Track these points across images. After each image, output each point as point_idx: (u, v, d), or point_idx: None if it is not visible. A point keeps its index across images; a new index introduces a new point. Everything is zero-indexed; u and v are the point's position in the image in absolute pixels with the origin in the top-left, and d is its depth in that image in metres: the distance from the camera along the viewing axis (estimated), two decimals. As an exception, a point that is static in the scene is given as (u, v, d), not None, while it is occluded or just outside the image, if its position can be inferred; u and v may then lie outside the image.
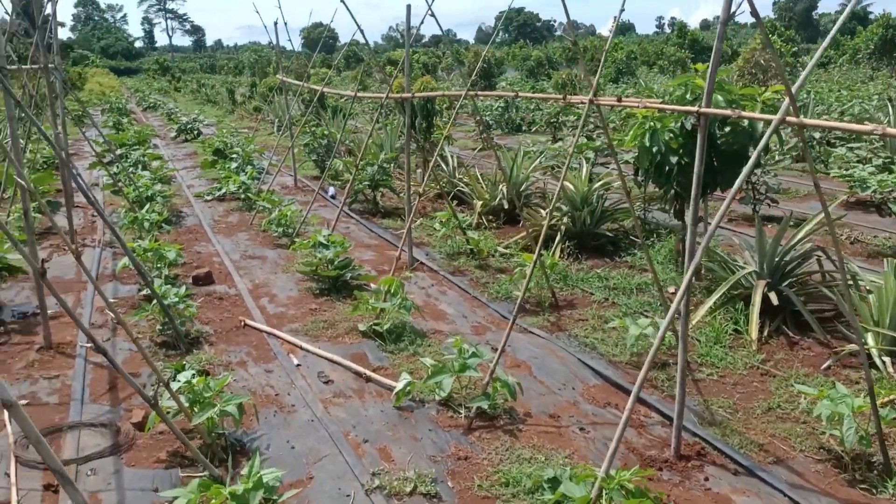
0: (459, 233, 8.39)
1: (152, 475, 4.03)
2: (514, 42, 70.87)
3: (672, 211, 7.12)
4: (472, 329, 6.17)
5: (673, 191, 6.75)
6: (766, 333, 5.69)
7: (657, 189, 7.52)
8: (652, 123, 6.30)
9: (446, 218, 8.40)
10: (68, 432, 4.51)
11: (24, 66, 7.90)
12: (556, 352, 5.63)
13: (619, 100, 4.32)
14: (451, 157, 11.78)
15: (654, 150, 6.29)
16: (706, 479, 3.91)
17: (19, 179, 4.08)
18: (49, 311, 5.85)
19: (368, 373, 5.18)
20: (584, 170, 8.90)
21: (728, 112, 3.47)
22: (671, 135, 6.22)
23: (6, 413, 4.70)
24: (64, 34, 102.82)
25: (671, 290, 6.77)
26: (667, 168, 6.35)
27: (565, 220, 8.13)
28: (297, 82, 13.23)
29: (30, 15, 8.87)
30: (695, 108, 3.62)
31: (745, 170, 3.16)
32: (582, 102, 4.71)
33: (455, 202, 9.89)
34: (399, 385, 4.72)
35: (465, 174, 10.97)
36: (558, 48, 52.93)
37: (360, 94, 9.63)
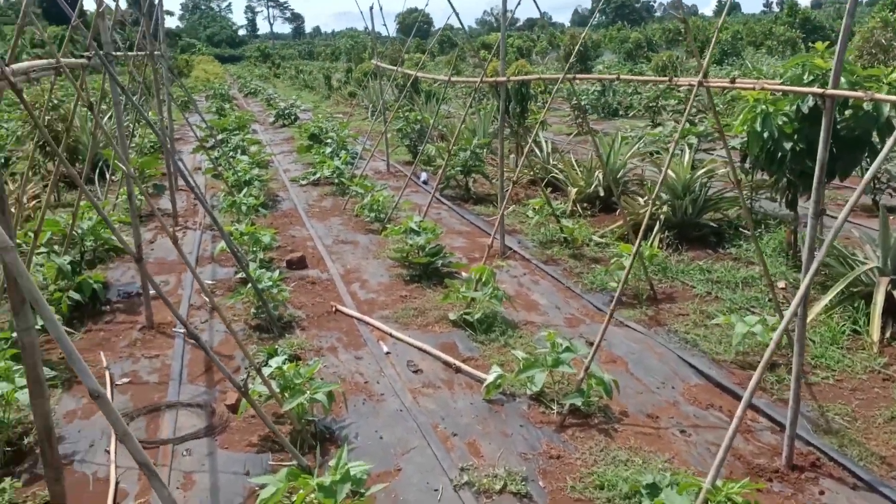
0: (553, 220, 8.17)
1: (244, 459, 4.05)
2: (612, 24, 69.14)
3: (783, 201, 6.69)
4: (566, 321, 5.97)
5: (785, 179, 6.34)
6: (888, 335, 5.24)
7: (766, 177, 7.09)
8: (764, 107, 5.91)
9: (540, 205, 8.20)
10: (166, 412, 4.61)
11: (129, 53, 8.15)
12: (654, 348, 5.37)
13: (733, 81, 4.02)
14: (546, 142, 11.52)
15: (766, 135, 5.90)
16: (821, 493, 3.61)
17: (121, 165, 4.16)
18: (151, 292, 6.02)
19: (458, 363, 5.08)
20: (687, 156, 8.49)
21: (860, 94, 3.14)
22: (785, 119, 5.82)
23: (109, 390, 4.86)
24: (172, 23, 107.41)
25: (781, 284, 6.36)
26: (779, 154, 5.95)
27: (665, 208, 7.78)
28: (392, 67, 13.22)
29: (138, 3, 9.17)
30: (820, 90, 3.30)
31: (879, 157, 2.84)
32: (690, 85, 4.41)
33: (549, 189, 9.66)
34: (489, 378, 4.59)
35: (559, 160, 10.69)
36: (658, 29, 51.18)
37: (453, 79, 9.49)
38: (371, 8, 13.10)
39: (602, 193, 9.33)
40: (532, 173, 9.72)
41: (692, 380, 4.88)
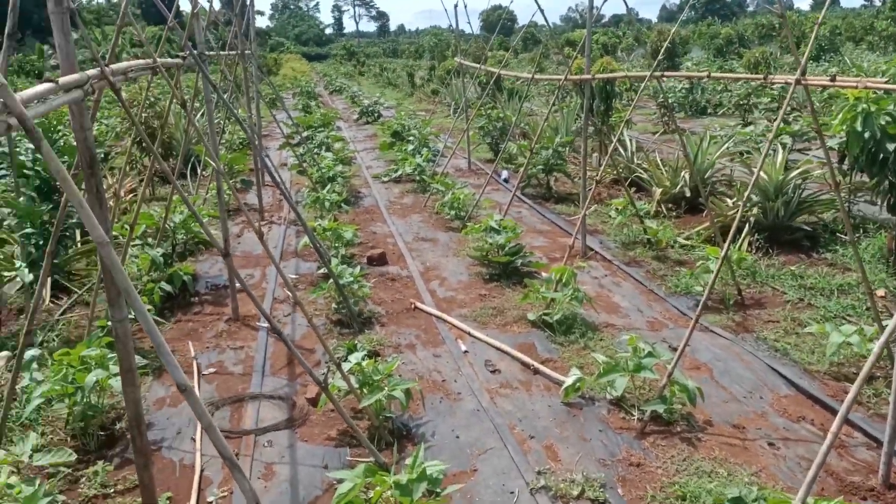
0: (636, 221, 7.99)
1: (322, 452, 4.12)
2: (701, 19, 67.16)
3: (885, 204, 6.34)
4: (648, 324, 5.82)
5: (887, 181, 6.01)
6: None
7: (866, 179, 6.74)
8: (865, 106, 5.61)
9: (623, 205, 8.03)
10: (249, 402, 4.73)
11: (221, 52, 8.41)
12: (741, 355, 5.17)
13: (833, 79, 3.82)
14: (630, 141, 11.27)
15: (867, 135, 5.61)
16: (922, 516, 3.40)
17: (210, 161, 4.29)
18: (237, 285, 6.19)
19: (536, 364, 5.02)
20: (780, 156, 8.15)
21: (976, 92, 2.93)
22: (888, 119, 5.52)
23: (196, 379, 5.03)
24: (263, 22, 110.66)
25: (880, 293, 6.03)
26: (881, 156, 5.65)
27: (755, 210, 7.49)
28: (475, 65, 13.21)
29: (231, 4, 9.46)
30: (930, 88, 3.10)
31: None
32: (787, 83, 4.22)
33: (632, 189, 9.46)
34: (568, 380, 4.52)
35: (643, 159, 10.45)
36: (750, 25, 49.44)
37: (537, 77, 9.40)
38: (455, 6, 13.12)
39: (688, 194, 9.06)
40: (615, 172, 9.53)
41: (782, 390, 4.67)
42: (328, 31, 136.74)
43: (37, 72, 30.13)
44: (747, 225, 7.38)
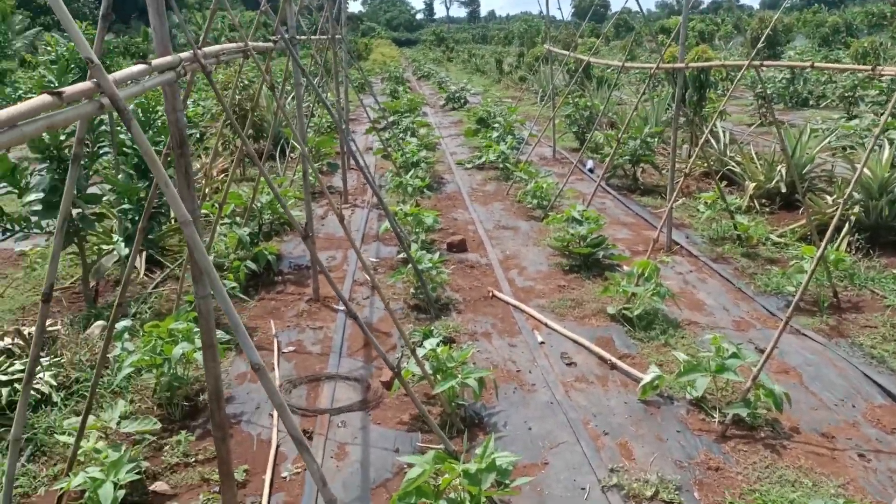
0: (726, 216, 7.69)
1: (394, 436, 4.15)
2: (807, 7, 64.03)
3: None
4: (733, 324, 5.61)
5: None
6: None
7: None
8: None
9: (712, 199, 7.75)
10: (325, 382, 4.82)
11: (313, 37, 8.54)
12: (833, 361, 4.92)
13: (950, 70, 3.55)
14: (723, 132, 10.86)
15: None
16: None
17: (297, 144, 4.36)
18: (318, 267, 6.31)
19: (614, 360, 4.92)
20: (886, 152, 7.68)
21: None
22: None
23: (276, 356, 5.15)
24: (355, 7, 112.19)
25: None
26: None
27: (857, 209, 7.09)
28: (564, 52, 12.98)
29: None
30: None
31: None
32: (897, 73, 3.95)
33: (723, 182, 9.12)
34: (646, 378, 4.40)
35: (737, 152, 10.05)
36: (860, 13, 46.80)
37: (627, 65, 9.17)
38: (546, -9, 12.91)
39: (783, 189, 8.67)
40: (706, 165, 9.21)
41: (876, 399, 4.42)
42: (419, 16, 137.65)
43: (141, 54, 31.44)
44: (847, 224, 7.00)
